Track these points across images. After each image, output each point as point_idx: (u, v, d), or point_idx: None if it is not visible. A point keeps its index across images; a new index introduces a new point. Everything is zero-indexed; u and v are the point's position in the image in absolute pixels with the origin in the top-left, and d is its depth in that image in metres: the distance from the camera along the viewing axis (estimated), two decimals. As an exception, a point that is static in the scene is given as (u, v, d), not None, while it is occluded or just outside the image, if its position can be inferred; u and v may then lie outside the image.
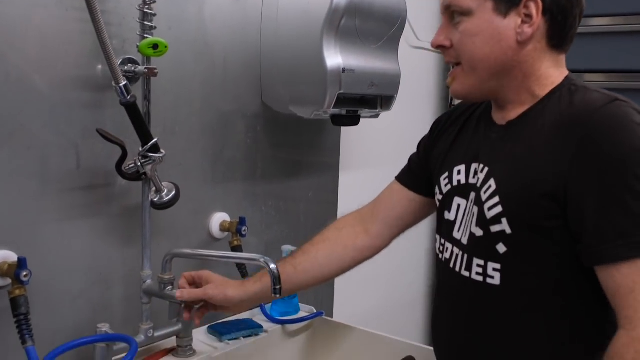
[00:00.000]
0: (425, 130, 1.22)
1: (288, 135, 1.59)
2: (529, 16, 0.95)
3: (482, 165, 1.03)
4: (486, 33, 0.97)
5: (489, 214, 0.97)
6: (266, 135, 1.52)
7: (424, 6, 2.02)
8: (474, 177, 1.04)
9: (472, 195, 1.03)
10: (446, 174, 1.11)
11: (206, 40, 1.35)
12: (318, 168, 1.72)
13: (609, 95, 0.93)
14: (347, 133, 1.80)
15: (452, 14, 1.00)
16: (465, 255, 1.02)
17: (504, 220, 0.95)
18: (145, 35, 1.13)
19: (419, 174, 1.21)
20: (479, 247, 1.00)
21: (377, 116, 1.61)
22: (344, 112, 1.48)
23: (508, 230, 0.95)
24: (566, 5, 0.97)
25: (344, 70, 1.38)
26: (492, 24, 0.97)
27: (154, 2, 1.13)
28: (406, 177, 1.25)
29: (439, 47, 1.03)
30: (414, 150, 1.24)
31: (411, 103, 2.07)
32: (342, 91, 1.39)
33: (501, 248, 0.97)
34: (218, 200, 1.43)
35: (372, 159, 1.97)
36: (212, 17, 1.35)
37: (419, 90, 2.17)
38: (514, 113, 1.02)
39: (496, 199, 0.97)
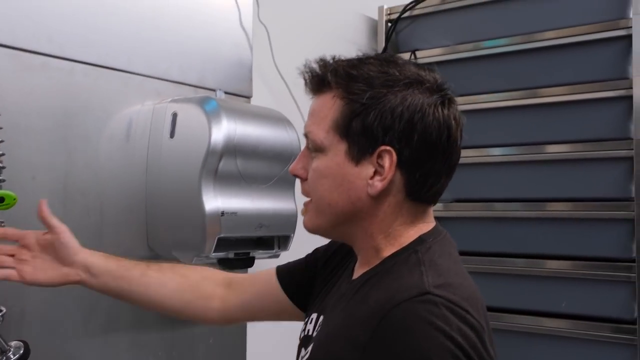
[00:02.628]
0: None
1: (181, 279, 1.52)
2: (383, 167, 0.86)
3: (321, 321, 0.94)
4: (336, 178, 0.88)
5: None
6: (154, 280, 1.45)
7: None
8: (315, 331, 0.96)
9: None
10: (307, 319, 1.02)
11: (79, 187, 1.31)
12: (220, 311, 1.63)
13: (424, 285, 0.80)
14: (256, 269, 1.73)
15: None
16: None
17: None
18: (-9, 188, 1.09)
19: (299, 278, 1.10)
20: None
21: (276, 256, 1.55)
22: (231, 255, 1.42)
23: None
24: (426, 163, 0.87)
25: (222, 213, 1.33)
26: (342, 169, 0.88)
27: (2, 155, 1.10)
28: (286, 274, 1.14)
29: (295, 176, 0.96)
30: None
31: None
32: (222, 235, 1.34)
33: None
34: (94, 354, 1.34)
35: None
36: (86, 162, 1.32)
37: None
38: (361, 270, 0.93)
39: None
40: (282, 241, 1.52)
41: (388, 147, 0.85)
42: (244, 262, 1.47)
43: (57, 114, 1.27)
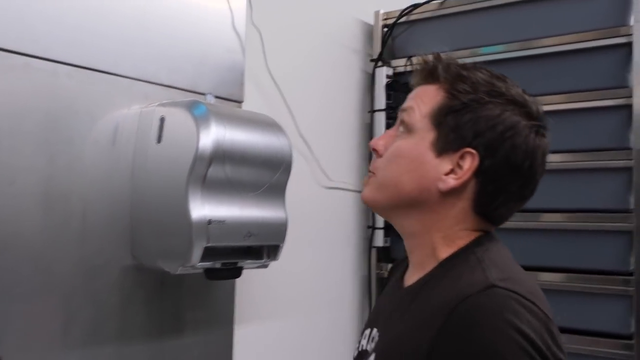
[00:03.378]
0: (344, 275, 1.10)
1: (165, 288, 1.46)
2: (461, 168, 0.88)
3: (377, 333, 0.93)
4: (413, 161, 0.90)
5: None
6: (136, 290, 1.40)
7: (334, 146, 1.98)
8: (370, 344, 0.94)
9: None
10: (361, 337, 1.00)
11: (61, 192, 1.26)
12: (206, 322, 1.57)
13: (488, 279, 0.80)
14: (244, 281, 1.68)
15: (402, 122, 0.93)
16: None
17: None
18: (-35, 194, 1.05)
19: None
20: None
21: (265, 266, 1.50)
22: (218, 264, 1.37)
23: None
24: (502, 179, 0.89)
25: (210, 221, 1.29)
26: (423, 155, 0.89)
27: (-22, 158, 1.06)
28: None
29: (373, 150, 0.96)
30: (332, 297, 1.10)
31: (328, 246, 1.97)
32: (209, 244, 1.29)
33: None
34: (74, 366, 1.29)
35: (278, 308, 1.83)
36: (69, 166, 1.27)
37: (335, 233, 2.07)
38: (416, 276, 0.92)
39: None
40: (272, 251, 1.47)
41: (473, 151, 0.87)
42: (231, 272, 1.42)
43: (39, 116, 1.23)
